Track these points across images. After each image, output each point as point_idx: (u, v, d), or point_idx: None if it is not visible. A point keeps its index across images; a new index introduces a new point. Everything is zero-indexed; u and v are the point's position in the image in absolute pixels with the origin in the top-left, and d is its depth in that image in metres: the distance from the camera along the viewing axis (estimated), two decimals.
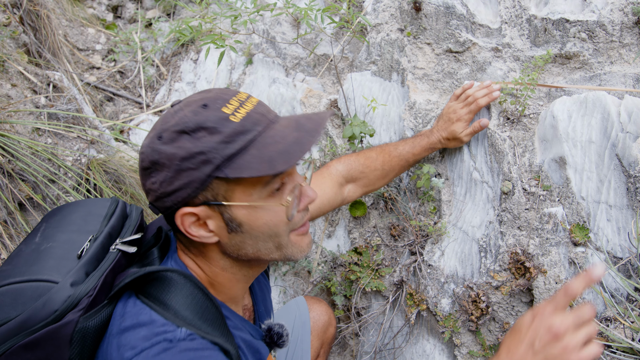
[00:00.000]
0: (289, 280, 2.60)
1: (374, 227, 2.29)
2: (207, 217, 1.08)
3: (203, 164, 1.01)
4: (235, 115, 1.04)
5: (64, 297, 1.00)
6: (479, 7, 2.17)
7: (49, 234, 1.19)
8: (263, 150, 1.02)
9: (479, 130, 1.94)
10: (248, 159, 1.02)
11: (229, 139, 1.02)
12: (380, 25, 2.41)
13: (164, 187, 1.05)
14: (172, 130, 1.03)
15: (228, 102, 1.06)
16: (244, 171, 1.01)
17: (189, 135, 1.01)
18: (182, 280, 1.08)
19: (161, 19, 4.01)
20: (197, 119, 1.02)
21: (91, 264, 1.09)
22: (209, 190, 1.04)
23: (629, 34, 1.87)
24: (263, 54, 3.02)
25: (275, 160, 1.01)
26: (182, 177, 1.02)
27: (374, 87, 2.37)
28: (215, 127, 1.01)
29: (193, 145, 1.01)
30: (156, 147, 1.03)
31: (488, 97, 1.91)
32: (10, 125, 2.28)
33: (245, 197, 1.06)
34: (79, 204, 1.30)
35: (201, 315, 1.06)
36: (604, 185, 1.69)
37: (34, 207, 2.23)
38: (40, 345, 0.97)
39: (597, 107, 1.72)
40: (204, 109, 1.04)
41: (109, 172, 2.51)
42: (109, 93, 3.57)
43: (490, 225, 1.88)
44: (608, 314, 1.64)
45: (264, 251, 1.14)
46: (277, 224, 1.11)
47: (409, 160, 1.95)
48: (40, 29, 3.07)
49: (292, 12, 2.34)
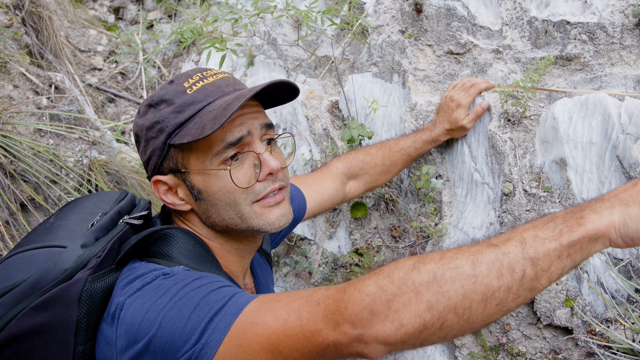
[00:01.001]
0: (289, 282, 2.60)
1: (375, 228, 2.29)
2: (176, 186, 1.18)
3: (159, 132, 1.13)
4: (191, 88, 1.14)
5: (75, 257, 1.04)
6: (480, 9, 2.17)
7: (63, 215, 1.25)
8: (202, 118, 1.10)
9: (481, 113, 1.92)
10: (190, 126, 1.10)
11: (180, 108, 1.12)
12: (382, 27, 2.42)
13: (142, 157, 1.20)
14: (144, 104, 1.17)
15: (190, 77, 1.16)
16: (184, 137, 1.09)
17: (154, 107, 1.14)
18: (183, 235, 1.16)
19: (163, 21, 4.02)
20: (161, 92, 1.15)
21: (100, 232, 1.15)
22: (170, 158, 1.15)
23: (629, 36, 1.87)
24: (264, 55, 3.02)
25: (206, 125, 1.07)
26: (149, 146, 1.15)
27: (375, 88, 2.38)
28: (172, 99, 1.13)
29: (153, 116, 1.13)
30: (135, 121, 1.19)
31: (486, 83, 1.92)
32: (12, 126, 2.29)
33: (198, 164, 1.14)
34: (92, 195, 1.38)
35: (200, 262, 1.14)
36: (604, 186, 1.69)
37: (35, 208, 2.23)
38: (50, 306, 0.99)
39: (597, 109, 1.73)
40: (169, 84, 1.16)
41: (110, 173, 2.52)
42: (110, 94, 3.58)
43: (491, 226, 1.88)
44: (609, 315, 1.64)
45: (229, 220, 1.18)
46: (230, 191, 1.14)
47: (412, 155, 1.95)
48: (42, 31, 3.08)
49: (292, 14, 2.35)
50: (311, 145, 2.52)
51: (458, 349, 1.93)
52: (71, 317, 1.01)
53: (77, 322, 1.02)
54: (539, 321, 1.77)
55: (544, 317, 1.73)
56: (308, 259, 2.49)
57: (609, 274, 1.65)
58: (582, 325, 1.68)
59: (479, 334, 1.89)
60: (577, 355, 1.71)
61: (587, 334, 1.67)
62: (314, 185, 1.72)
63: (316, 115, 2.52)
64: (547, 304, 1.72)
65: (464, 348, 1.92)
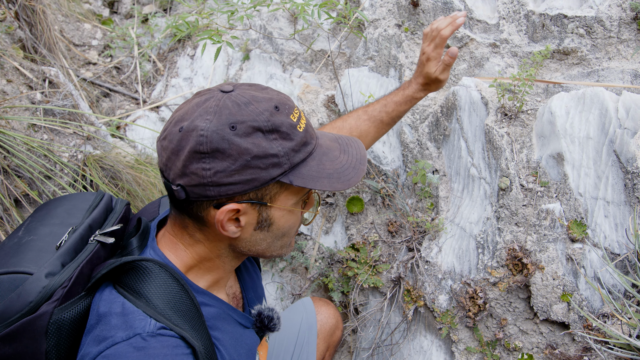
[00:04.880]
0: (286, 277, 2.60)
1: (371, 223, 2.29)
2: (244, 214, 1.09)
3: (273, 167, 1.04)
4: (300, 126, 1.08)
5: (39, 288, 1.00)
6: (476, 2, 2.16)
7: (32, 227, 1.20)
8: (321, 166, 1.10)
9: (450, 62, 1.69)
10: (308, 170, 1.08)
11: (297, 147, 1.06)
12: (378, 21, 2.40)
13: (219, 177, 1.02)
14: (248, 124, 1.01)
15: (293, 111, 1.09)
16: (308, 182, 1.07)
17: (263, 134, 1.02)
18: (157, 269, 1.08)
19: (158, 15, 4.00)
20: (274, 120, 1.03)
21: (68, 255, 1.09)
22: (263, 190, 1.07)
23: (627, 30, 1.86)
24: (260, 49, 3.01)
25: (334, 178, 1.10)
26: (245, 173, 1.02)
27: (371, 82, 2.36)
28: (288, 133, 1.05)
29: (269, 146, 1.02)
30: (228, 137, 1.00)
31: (452, 26, 1.67)
32: (5, 121, 2.27)
33: (286, 201, 1.12)
34: (65, 198, 1.31)
35: (173, 305, 1.06)
36: (601, 181, 1.69)
37: (29, 204, 2.22)
38: (17, 338, 0.98)
39: (594, 103, 1.72)
40: (277, 111, 1.05)
41: (105, 169, 2.50)
42: (105, 89, 3.55)
43: (488, 221, 1.88)
44: (605, 310, 1.64)
45: (273, 248, 1.20)
46: (294, 225, 1.20)
47: (384, 120, 1.77)
48: (35, 24, 3.05)
49: (289, 8, 2.33)
50: None
51: (455, 344, 1.93)
52: (39, 350, 0.99)
53: (46, 354, 1.00)
54: (536, 316, 1.77)
55: (540, 312, 1.73)
56: (304, 254, 2.48)
57: (606, 269, 1.65)
58: (578, 321, 1.68)
59: (476, 329, 1.89)
60: (573, 350, 1.71)
61: (583, 329, 1.67)
62: None
63: (312, 110, 2.51)
64: (544, 299, 1.72)
65: (460, 343, 1.92)
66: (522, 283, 1.77)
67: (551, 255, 1.72)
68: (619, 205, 1.66)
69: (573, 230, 1.71)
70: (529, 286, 1.75)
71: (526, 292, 1.79)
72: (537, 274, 1.72)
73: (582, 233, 1.70)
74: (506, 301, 1.83)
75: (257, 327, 1.36)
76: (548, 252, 1.72)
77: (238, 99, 1.05)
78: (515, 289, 1.81)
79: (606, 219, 1.68)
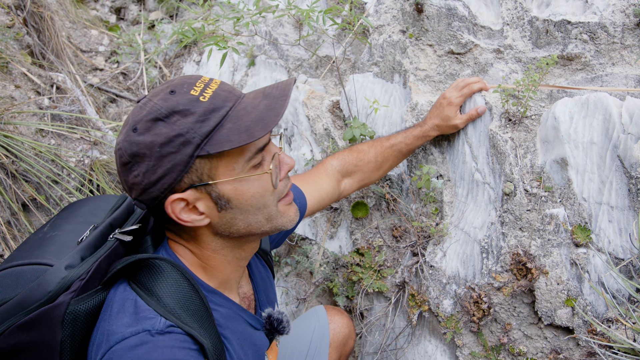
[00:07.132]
0: (291, 282, 2.61)
1: (375, 228, 2.29)
2: (196, 200, 1.11)
3: (183, 146, 1.04)
4: (203, 96, 1.07)
5: (58, 279, 1.03)
6: (480, 8, 2.17)
7: (57, 224, 1.24)
8: (238, 122, 1.06)
9: (475, 116, 1.95)
10: (225, 132, 1.05)
11: (203, 117, 1.05)
12: (383, 27, 2.42)
13: (148, 177, 1.06)
14: (145, 120, 1.05)
15: (194, 85, 1.09)
16: (224, 144, 1.04)
17: (163, 121, 1.04)
18: (169, 268, 1.11)
19: (164, 21, 4.03)
20: (168, 104, 1.05)
21: (88, 250, 1.13)
22: (193, 171, 1.07)
23: (630, 36, 1.87)
24: (265, 55, 3.03)
25: (252, 128, 1.04)
26: (164, 163, 1.05)
27: (376, 88, 2.38)
28: (187, 108, 1.05)
29: (170, 130, 1.04)
30: (133, 139, 1.05)
31: (481, 84, 1.95)
32: (14, 127, 2.29)
33: (229, 172, 1.10)
34: (90, 199, 1.36)
35: (183, 304, 1.09)
36: (605, 186, 1.69)
37: (37, 208, 2.24)
38: (34, 326, 1.01)
39: (598, 109, 1.73)
40: (172, 94, 1.07)
41: (112, 173, 2.52)
42: (112, 94, 3.58)
43: (492, 226, 1.88)
44: (610, 315, 1.64)
45: (255, 225, 1.17)
46: (263, 194, 1.15)
47: (402, 151, 1.96)
48: (43, 31, 3.08)
49: (294, 14, 2.35)
50: (312, 145, 2.52)
51: (459, 348, 1.93)
52: (55, 339, 1.03)
53: (61, 343, 1.03)
54: (540, 321, 1.77)
55: (545, 317, 1.73)
56: (309, 258, 2.49)
57: (610, 274, 1.65)
58: (583, 325, 1.68)
59: (480, 333, 1.89)
60: (578, 355, 1.71)
61: (588, 334, 1.67)
62: (312, 184, 1.73)
63: (317, 115, 2.52)
64: (548, 304, 1.72)
65: (465, 348, 1.92)
66: (526, 288, 1.77)
67: (555, 260, 1.72)
68: (623, 210, 1.66)
69: (577, 235, 1.71)
70: (533, 291, 1.76)
71: (530, 296, 1.79)
72: (542, 279, 1.72)
73: (586, 238, 1.70)
74: (510, 306, 1.83)
75: (266, 330, 1.37)
76: (552, 256, 1.73)
77: (142, 102, 1.10)
78: (519, 294, 1.81)
79: (610, 224, 1.68)
